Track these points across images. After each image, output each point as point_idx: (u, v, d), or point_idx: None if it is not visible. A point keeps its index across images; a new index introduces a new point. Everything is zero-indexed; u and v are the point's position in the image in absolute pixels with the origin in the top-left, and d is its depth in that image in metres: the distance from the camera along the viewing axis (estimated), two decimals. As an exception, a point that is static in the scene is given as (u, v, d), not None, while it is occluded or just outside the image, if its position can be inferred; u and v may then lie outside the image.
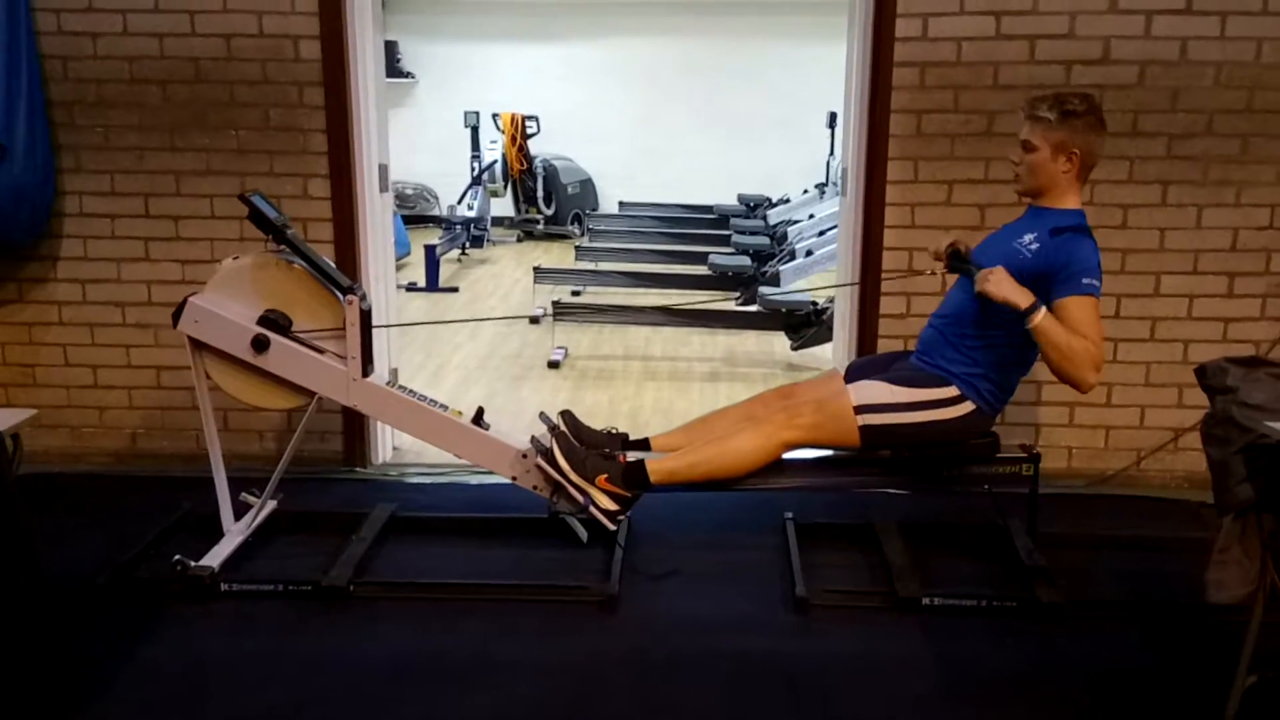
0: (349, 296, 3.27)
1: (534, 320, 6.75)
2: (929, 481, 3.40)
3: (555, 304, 6.16)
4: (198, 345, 3.32)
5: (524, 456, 3.33)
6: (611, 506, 3.22)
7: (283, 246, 3.31)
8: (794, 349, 5.97)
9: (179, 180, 4.07)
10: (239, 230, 4.05)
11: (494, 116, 10.24)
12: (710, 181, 10.64)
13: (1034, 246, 3.05)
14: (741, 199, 10.09)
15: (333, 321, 3.32)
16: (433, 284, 8.02)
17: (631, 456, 3.33)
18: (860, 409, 3.16)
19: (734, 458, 3.24)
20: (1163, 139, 3.84)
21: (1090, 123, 3.04)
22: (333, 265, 3.42)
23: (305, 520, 3.74)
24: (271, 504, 3.69)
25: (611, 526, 3.23)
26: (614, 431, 3.52)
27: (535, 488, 3.35)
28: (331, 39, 3.90)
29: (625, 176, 11.24)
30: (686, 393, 5.46)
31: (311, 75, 3.94)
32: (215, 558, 3.32)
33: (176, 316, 3.28)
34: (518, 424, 4.43)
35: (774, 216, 9.15)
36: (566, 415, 3.44)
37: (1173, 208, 3.89)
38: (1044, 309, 2.91)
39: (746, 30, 10.30)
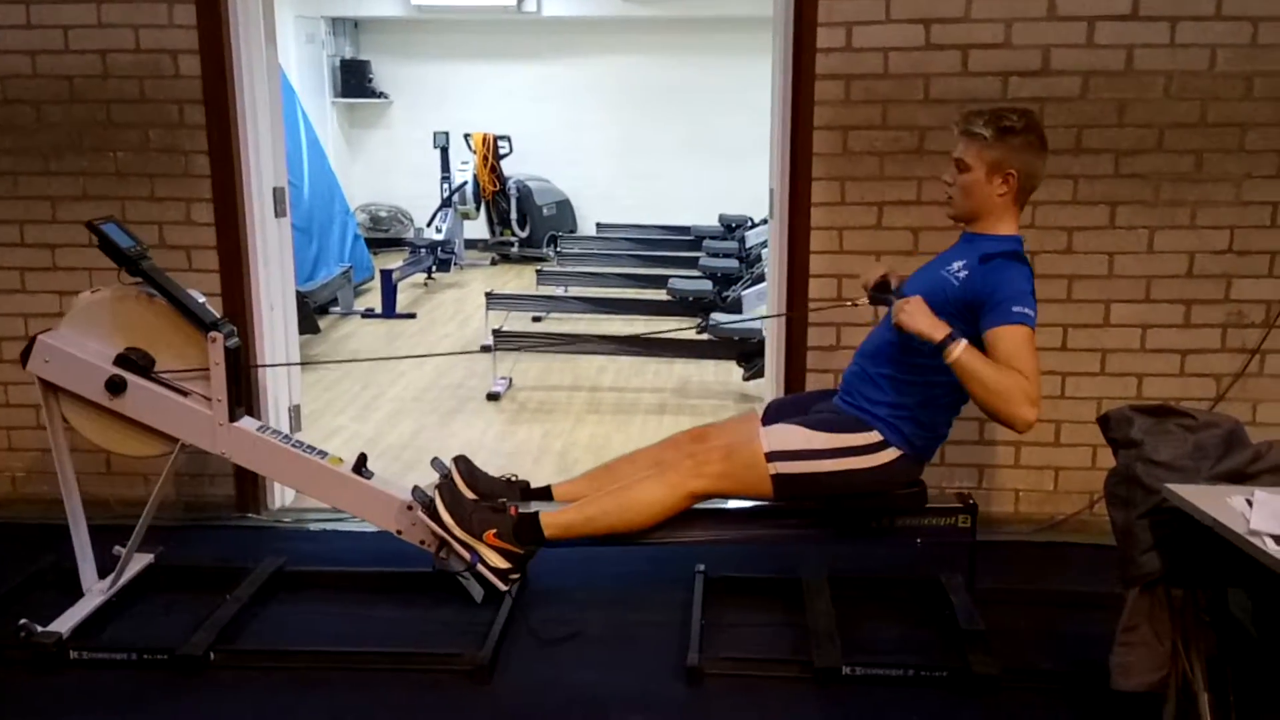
0: (213, 334, 2.99)
1: (486, 348, 6.47)
2: (854, 534, 3.09)
3: (496, 333, 5.86)
4: (50, 387, 3.04)
5: (409, 508, 3.03)
6: (502, 564, 2.92)
7: (139, 279, 3.04)
8: (745, 379, 5.67)
9: (55, 206, 3.81)
10: (118, 259, 3.79)
11: (465, 137, 9.99)
12: (693, 202, 10.37)
13: (962, 274, 2.75)
14: (722, 220, 9.80)
15: (201, 360, 3.04)
16: (389, 310, 7.75)
17: (529, 508, 3.04)
18: (772, 456, 2.87)
19: (635, 510, 2.94)
20: (1109, 156, 3.54)
21: (1029, 141, 2.74)
22: (198, 299, 3.15)
23: (182, 575, 3.46)
24: (147, 558, 3.41)
25: (503, 587, 2.94)
26: (513, 479, 3.22)
27: (422, 542, 3.06)
28: (212, 54, 3.64)
29: (605, 197, 10.97)
30: (626, 427, 5.17)
31: (192, 93, 3.68)
32: (68, 621, 3.04)
33: (25, 355, 3.01)
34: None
35: (752, 238, 8.85)
36: (460, 461, 3.15)
37: (1122, 230, 3.58)
38: (963, 342, 2.60)
39: (728, 48, 10.07)
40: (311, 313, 6.87)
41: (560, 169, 10.90)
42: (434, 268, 9.18)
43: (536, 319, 7.49)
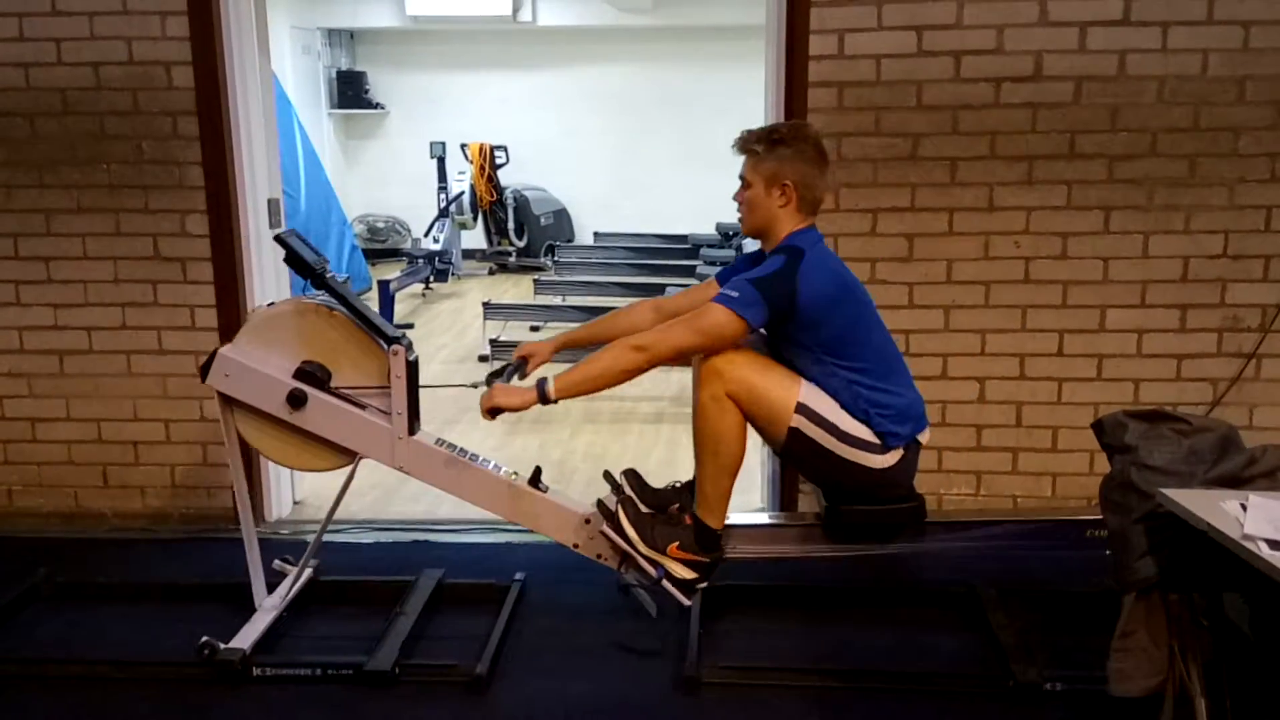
0: (395, 347, 2.93)
1: (483, 359, 6.48)
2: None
3: (494, 343, 5.85)
4: (229, 401, 2.98)
5: (587, 522, 3.00)
6: (688, 575, 2.88)
7: (321, 291, 2.99)
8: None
9: (49, 219, 3.80)
10: (112, 272, 3.81)
11: (462, 147, 10.00)
12: (690, 210, 10.35)
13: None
14: (720, 228, 9.80)
15: (377, 373, 2.98)
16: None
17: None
18: (800, 408, 2.77)
19: (727, 442, 2.80)
20: (1103, 161, 3.53)
21: (800, 150, 2.80)
22: (376, 312, 3.11)
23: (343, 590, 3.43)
24: (307, 571, 3.35)
25: (686, 601, 2.90)
26: (678, 485, 3.13)
27: (599, 556, 3.02)
28: (205, 65, 3.64)
29: (603, 206, 10.97)
30: (624, 437, 5.16)
31: (185, 104, 3.68)
32: (247, 637, 2.99)
33: (205, 370, 2.95)
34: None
35: (749, 246, 8.85)
36: (630, 475, 3.08)
37: (1116, 235, 3.58)
38: (549, 379, 2.78)
39: (722, 57, 10.08)
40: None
41: (557, 178, 10.90)
42: (431, 278, 9.17)
43: (534, 328, 7.47)
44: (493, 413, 2.81)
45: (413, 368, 2.95)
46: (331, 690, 2.86)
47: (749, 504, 4.07)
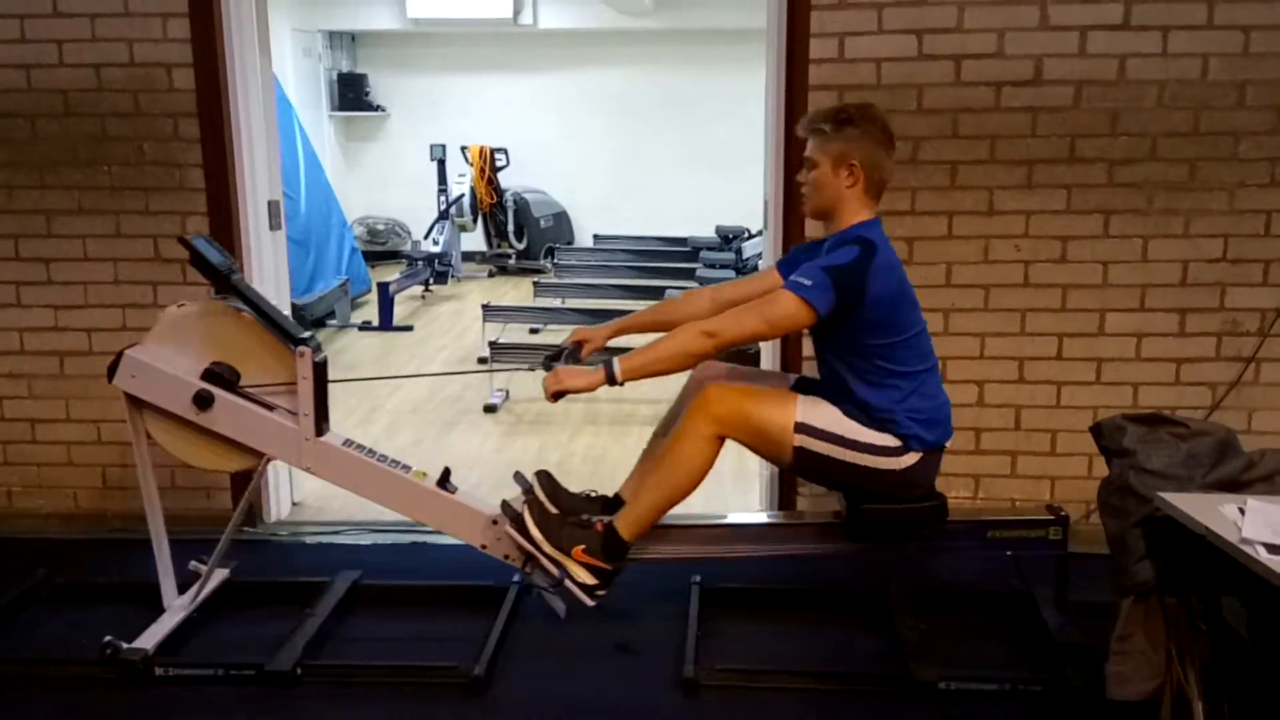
0: (301, 348, 2.95)
1: (482, 361, 6.47)
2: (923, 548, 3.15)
3: (493, 345, 5.85)
4: (136, 401, 3.00)
5: (494, 523, 3.00)
6: (589, 580, 2.86)
7: (228, 294, 3.01)
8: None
9: (50, 220, 3.80)
10: (113, 273, 3.81)
11: (462, 149, 10.00)
12: (690, 214, 10.36)
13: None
14: (719, 231, 9.80)
15: (286, 374, 3.00)
16: (386, 323, 7.74)
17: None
18: (801, 427, 2.78)
19: (681, 476, 2.81)
20: (1103, 165, 3.54)
21: (868, 131, 2.78)
22: (284, 314, 3.12)
23: (256, 592, 3.42)
24: (223, 573, 3.37)
25: (590, 603, 2.88)
26: (593, 494, 3.14)
27: (506, 557, 3.02)
28: (206, 67, 3.64)
29: (604, 209, 10.97)
30: (623, 438, 5.15)
31: (186, 106, 3.68)
32: (152, 637, 2.99)
33: (112, 370, 2.97)
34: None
35: (749, 249, 8.86)
36: (543, 476, 3.07)
37: (1116, 239, 3.58)
38: (615, 360, 2.72)
39: (723, 60, 10.09)
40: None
41: (557, 181, 10.91)
42: (431, 280, 9.18)
43: (534, 331, 7.48)
44: (557, 396, 2.77)
45: (320, 369, 2.99)
46: (233, 691, 2.87)
47: (749, 504, 4.08)
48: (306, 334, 3.01)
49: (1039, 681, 2.79)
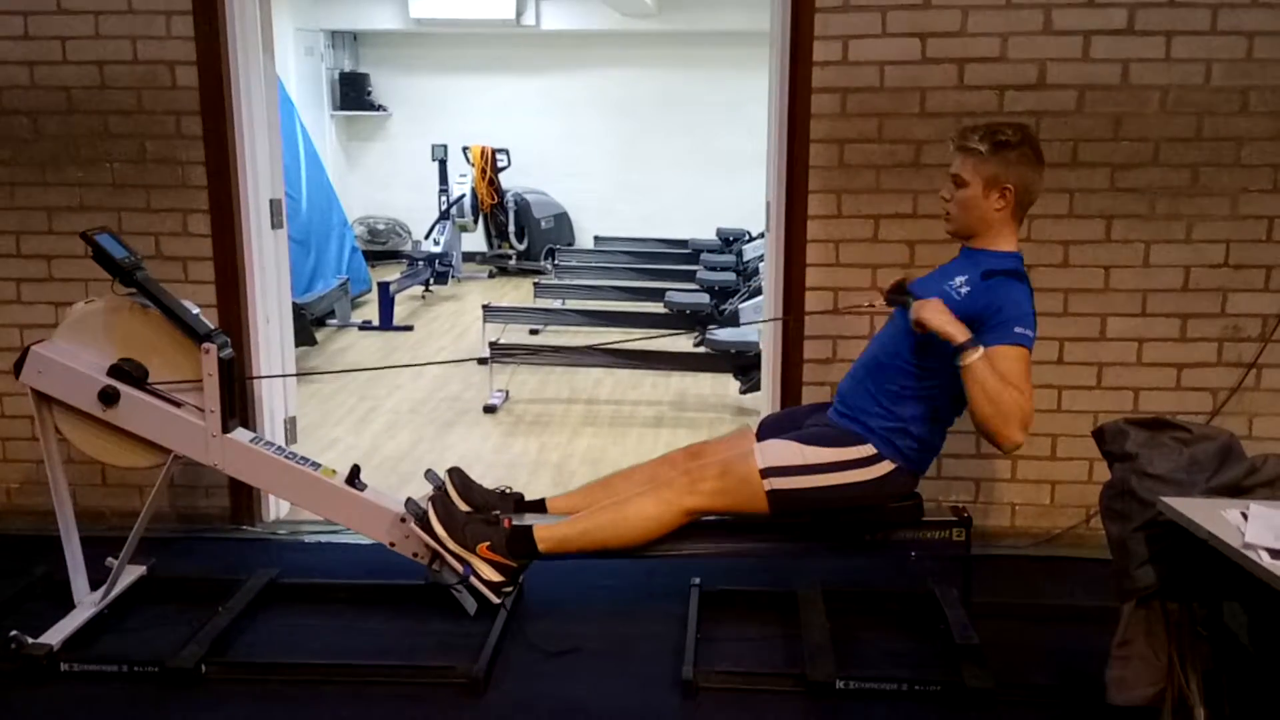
0: (206, 345, 2.99)
1: (483, 361, 6.46)
2: (849, 547, 3.09)
3: (493, 345, 5.85)
4: (43, 398, 3.04)
5: (402, 520, 3.02)
6: (495, 577, 2.91)
7: (133, 289, 3.03)
8: (742, 392, 5.67)
9: (51, 217, 3.80)
10: (114, 270, 3.79)
11: (463, 150, 10.00)
12: (691, 215, 10.38)
13: (965, 289, 2.76)
14: (720, 233, 9.81)
15: (195, 371, 3.04)
16: (387, 322, 7.74)
17: (523, 520, 3.03)
18: (767, 472, 2.87)
19: (630, 526, 2.94)
20: (1105, 170, 3.54)
21: (1024, 154, 2.75)
22: (193, 310, 3.14)
23: (174, 587, 3.44)
24: (139, 570, 3.40)
25: (495, 600, 2.93)
26: (507, 492, 3.22)
27: (415, 555, 3.06)
28: (209, 65, 3.64)
29: (604, 210, 10.97)
30: (623, 440, 5.15)
31: (189, 104, 3.68)
32: (59, 633, 3.02)
33: (19, 366, 3.00)
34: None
35: (749, 251, 8.85)
36: (455, 473, 3.14)
37: (1118, 244, 3.58)
38: (981, 349, 2.59)
39: (725, 63, 10.09)
40: (308, 325, 6.86)
41: (558, 182, 10.90)
42: (431, 280, 9.17)
43: (534, 331, 7.49)
44: (921, 326, 2.68)
45: (225, 365, 3.01)
46: (137, 688, 2.87)
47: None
48: (212, 329, 3.05)
49: (936, 681, 2.83)
